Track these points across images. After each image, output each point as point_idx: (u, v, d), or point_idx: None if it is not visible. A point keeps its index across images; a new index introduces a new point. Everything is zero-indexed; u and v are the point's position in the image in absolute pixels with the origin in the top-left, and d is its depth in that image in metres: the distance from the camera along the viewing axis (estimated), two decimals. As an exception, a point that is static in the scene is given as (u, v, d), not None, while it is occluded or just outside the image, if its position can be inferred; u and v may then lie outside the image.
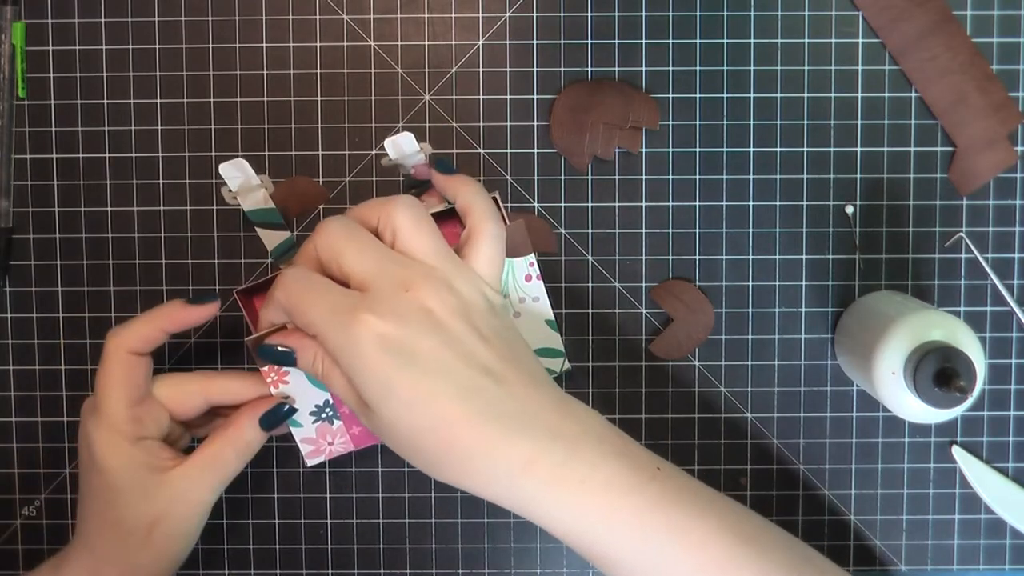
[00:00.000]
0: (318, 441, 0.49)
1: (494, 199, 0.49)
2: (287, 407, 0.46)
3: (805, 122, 0.54)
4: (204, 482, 0.45)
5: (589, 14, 0.54)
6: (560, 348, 0.50)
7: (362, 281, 0.40)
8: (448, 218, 0.48)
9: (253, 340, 0.44)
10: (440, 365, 0.39)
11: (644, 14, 0.54)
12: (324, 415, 0.49)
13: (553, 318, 0.49)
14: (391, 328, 0.38)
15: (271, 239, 0.52)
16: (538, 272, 0.48)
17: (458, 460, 0.39)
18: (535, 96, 0.54)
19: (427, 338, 0.39)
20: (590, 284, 0.55)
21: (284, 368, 0.46)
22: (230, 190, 0.50)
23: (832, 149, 0.54)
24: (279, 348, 0.42)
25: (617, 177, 0.54)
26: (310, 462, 0.50)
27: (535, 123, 0.54)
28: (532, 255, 0.48)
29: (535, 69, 0.54)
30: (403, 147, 0.48)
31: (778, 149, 0.54)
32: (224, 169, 0.49)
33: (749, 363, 0.55)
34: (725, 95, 0.54)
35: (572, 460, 0.39)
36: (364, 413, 0.40)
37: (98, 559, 0.45)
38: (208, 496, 0.45)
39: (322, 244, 0.41)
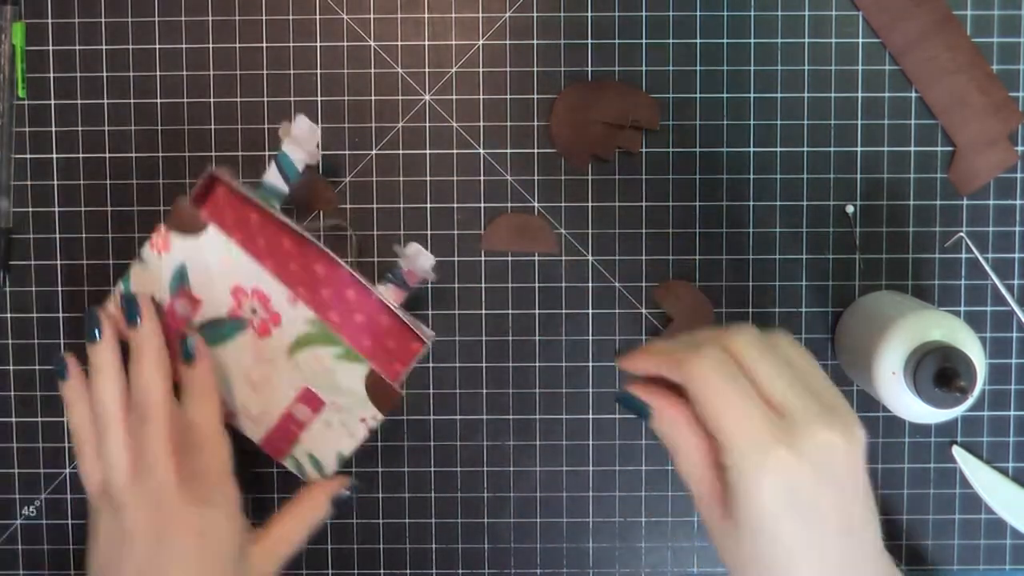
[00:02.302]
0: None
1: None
2: (356, 490, 0.51)
3: (805, 122, 0.54)
4: (278, 557, 0.48)
5: (589, 14, 0.54)
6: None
7: (781, 402, 0.39)
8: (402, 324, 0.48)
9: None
10: (826, 523, 0.38)
11: (644, 14, 0.54)
12: None
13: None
14: (802, 476, 0.37)
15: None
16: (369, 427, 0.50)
17: None
18: (535, 96, 0.54)
19: (827, 489, 0.38)
20: (590, 284, 0.54)
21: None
22: (288, 132, 0.48)
23: (832, 149, 0.54)
24: (641, 400, 0.41)
25: (617, 177, 0.54)
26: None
27: (535, 123, 0.54)
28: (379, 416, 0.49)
29: (535, 69, 0.54)
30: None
31: (778, 149, 0.54)
32: (301, 120, 0.48)
33: (749, 363, 0.55)
34: (725, 95, 0.54)
35: None
36: (711, 507, 0.40)
37: None
38: (276, 570, 0.48)
39: (739, 349, 0.39)
